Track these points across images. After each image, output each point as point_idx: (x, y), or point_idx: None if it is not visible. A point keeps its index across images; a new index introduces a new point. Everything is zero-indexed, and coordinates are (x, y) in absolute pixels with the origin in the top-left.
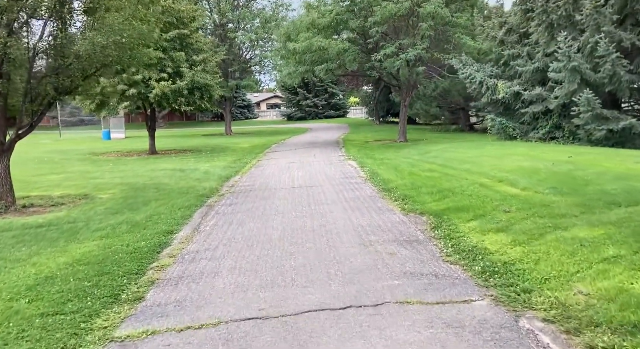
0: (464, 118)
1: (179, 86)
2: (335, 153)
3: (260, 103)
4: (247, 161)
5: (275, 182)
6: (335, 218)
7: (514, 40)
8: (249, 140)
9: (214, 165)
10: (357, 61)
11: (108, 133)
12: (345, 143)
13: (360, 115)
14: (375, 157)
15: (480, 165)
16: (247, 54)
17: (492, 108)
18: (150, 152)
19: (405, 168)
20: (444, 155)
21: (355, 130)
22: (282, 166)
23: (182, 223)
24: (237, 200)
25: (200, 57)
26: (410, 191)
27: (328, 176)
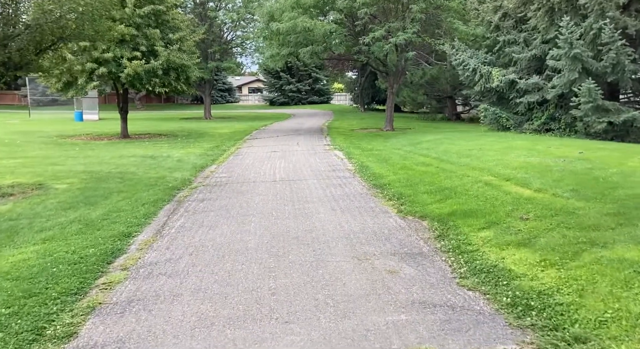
0: (451, 107)
1: (153, 66)
2: (320, 141)
3: (242, 87)
4: (225, 148)
5: (254, 174)
6: (322, 221)
7: (510, 26)
8: (229, 125)
9: (189, 152)
10: (344, 44)
11: (80, 114)
12: (330, 131)
13: (344, 102)
14: (363, 147)
15: (481, 159)
16: (228, 35)
17: (485, 97)
18: (122, 136)
19: (397, 161)
20: (438, 147)
21: (339, 117)
22: (263, 155)
23: (145, 223)
24: (211, 194)
25: (177, 36)
26: (406, 189)
27: (313, 169)
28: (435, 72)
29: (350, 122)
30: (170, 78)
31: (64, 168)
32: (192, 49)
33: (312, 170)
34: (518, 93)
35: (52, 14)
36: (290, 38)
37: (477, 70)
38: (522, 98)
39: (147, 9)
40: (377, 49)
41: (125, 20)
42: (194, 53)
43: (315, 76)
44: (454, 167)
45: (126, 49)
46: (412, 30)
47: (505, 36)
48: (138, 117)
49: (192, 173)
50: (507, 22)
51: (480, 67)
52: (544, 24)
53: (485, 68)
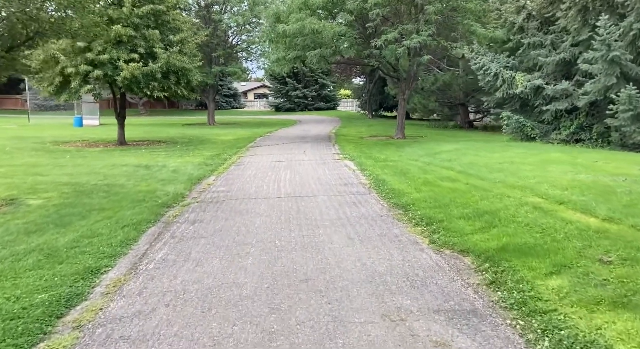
0: (463, 115)
1: (151, 69)
2: (328, 150)
3: (247, 93)
4: (226, 157)
5: (256, 188)
6: (338, 254)
7: (535, 27)
8: (233, 132)
9: (187, 162)
10: (354, 47)
11: (80, 119)
12: (338, 139)
13: (351, 108)
14: (375, 157)
15: (518, 175)
16: (233, 39)
17: (507, 104)
18: (118, 143)
19: (416, 174)
20: (461, 158)
21: (347, 124)
22: (267, 165)
23: (120, 254)
24: (205, 214)
25: (177, 37)
26: (436, 211)
27: (322, 182)
28: (447, 78)
29: (358, 129)
30: (170, 82)
31: (46, 179)
32: (194, 51)
33: (321, 184)
34: (544, 100)
35: (23, 3)
36: (297, 40)
37: (499, 75)
38: (548, 105)
39: (145, 8)
40: (389, 52)
41: (123, 20)
42: (195, 55)
43: (322, 82)
44: (487, 184)
45: (123, 51)
46: (426, 32)
47: (530, 38)
48: (140, 123)
49: (187, 186)
50: (532, 23)
51: (502, 71)
52: (575, 24)
53: (507, 73)
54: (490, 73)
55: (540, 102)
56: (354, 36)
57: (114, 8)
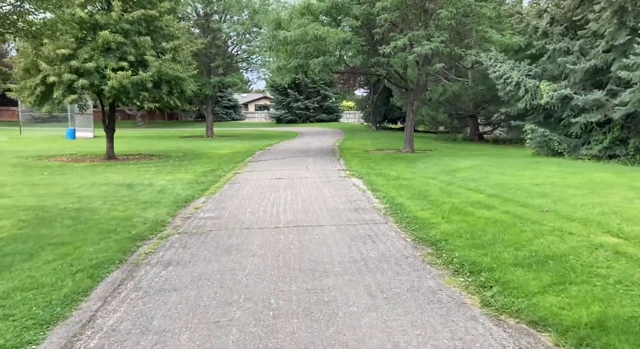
0: (473, 127)
1: (142, 77)
2: (332, 165)
3: (248, 104)
4: (221, 174)
5: (251, 214)
6: (357, 327)
7: (560, 33)
8: (231, 145)
9: (177, 179)
10: (360, 56)
11: (73, 132)
12: (342, 153)
13: (354, 120)
14: (386, 174)
15: (568, 202)
16: (233, 49)
17: (530, 116)
18: (107, 157)
19: (438, 196)
20: (486, 177)
21: (351, 136)
22: (266, 183)
23: (56, 319)
24: (184, 252)
25: (170, 45)
26: (478, 252)
27: (329, 206)
28: (457, 88)
29: (363, 141)
30: (162, 92)
31: (7, 203)
32: (189, 59)
33: (327, 209)
34: (572, 112)
35: None
36: (299, 48)
37: (522, 84)
38: (577, 117)
39: (136, 13)
40: (398, 60)
41: (111, 26)
42: (190, 64)
43: (324, 93)
44: (534, 214)
45: (111, 59)
46: (439, 38)
47: (556, 44)
48: (136, 135)
49: (171, 211)
50: (556, 27)
51: (525, 80)
52: (610, 27)
53: (531, 82)
54: (512, 83)
55: (568, 113)
56: (360, 43)
57: (102, 13)
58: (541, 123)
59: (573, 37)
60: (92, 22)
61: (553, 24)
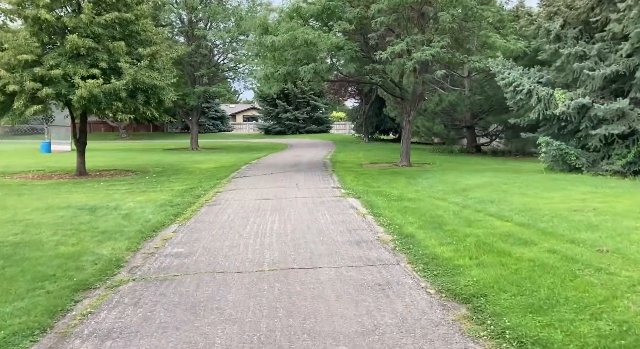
0: (470, 138)
1: (114, 86)
2: (325, 182)
3: (236, 115)
4: (200, 193)
5: (229, 249)
6: None
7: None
8: (216, 158)
9: (149, 201)
10: (354, 62)
11: (48, 145)
12: (335, 167)
13: (344, 131)
14: (386, 193)
15: (632, 238)
16: (219, 58)
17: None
18: (77, 173)
19: (456, 225)
20: (507, 198)
21: (342, 148)
22: (250, 205)
23: None
24: (134, 313)
25: (147, 50)
26: (537, 320)
27: (324, 238)
28: (454, 98)
29: (355, 154)
30: (138, 102)
31: None
32: (168, 66)
33: (323, 242)
34: (591, 122)
35: None
36: (287, 54)
37: (534, 92)
38: (597, 128)
39: (109, 16)
40: (395, 67)
41: (81, 29)
42: (170, 70)
43: (314, 103)
44: (589, 254)
45: (81, 65)
46: (440, 43)
47: (571, 48)
48: (117, 148)
49: (133, 245)
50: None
51: (537, 88)
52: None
53: (544, 89)
54: (522, 91)
55: (587, 124)
56: (354, 49)
57: (71, 15)
58: (554, 135)
59: (588, 40)
60: (60, 26)
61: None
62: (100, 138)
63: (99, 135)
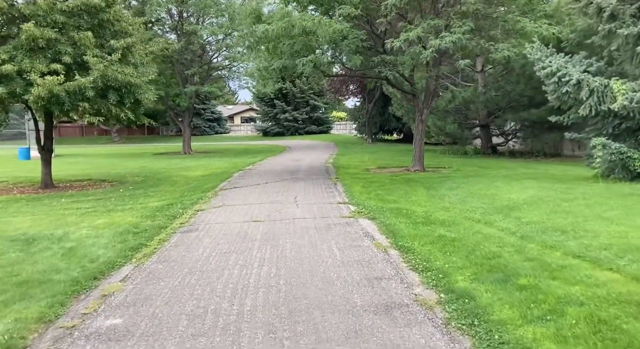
0: (485, 139)
1: (79, 84)
2: (329, 194)
3: (234, 117)
4: (177, 212)
5: (190, 320)
6: None
7: (632, 13)
8: (207, 164)
9: (110, 225)
10: (360, 53)
11: (27, 151)
12: (339, 173)
13: (345, 131)
14: (407, 211)
15: None
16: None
17: (593, 125)
18: (43, 186)
19: (533, 276)
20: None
21: (345, 151)
22: (234, 232)
23: None
24: None
25: (121, 43)
26: None
27: (335, 297)
28: (469, 94)
29: (360, 157)
30: (109, 103)
31: None
32: (147, 61)
33: (332, 304)
34: None
35: None
36: (283, 45)
37: (584, 83)
38: None
39: (74, 2)
40: (409, 57)
41: (40, 18)
42: (150, 67)
43: (314, 103)
44: None
45: (40, 60)
46: (462, 29)
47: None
48: (105, 153)
49: (52, 309)
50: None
51: (587, 78)
52: None
53: (596, 80)
54: (570, 82)
55: None
56: (360, 38)
57: (27, 1)
58: (608, 135)
59: None
60: (14, 14)
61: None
62: (91, 143)
63: (91, 139)
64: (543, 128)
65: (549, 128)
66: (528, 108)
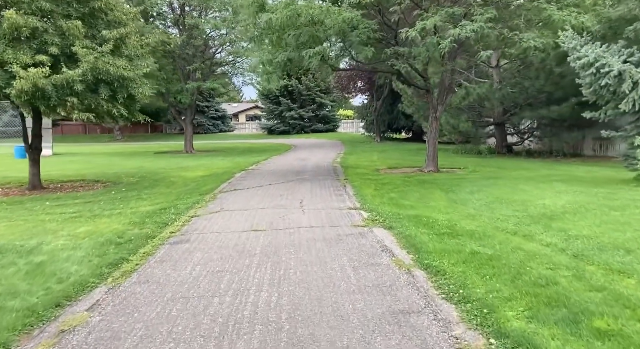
0: (500, 137)
1: (67, 77)
2: (338, 197)
3: (238, 115)
4: (169, 218)
5: None
6: None
7: None
8: (208, 163)
9: (92, 233)
10: (371, 45)
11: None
12: (347, 173)
13: (352, 130)
14: (427, 218)
15: None
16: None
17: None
18: (30, 187)
19: (611, 318)
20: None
21: (352, 149)
22: (230, 244)
23: None
24: None
25: (113, 33)
26: None
27: (353, 341)
28: (484, 90)
29: (369, 156)
30: (100, 98)
31: None
32: (142, 53)
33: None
34: None
35: None
36: (288, 36)
37: (626, 74)
38: None
39: None
40: (425, 49)
41: (24, 4)
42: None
43: (320, 101)
44: None
45: (25, 51)
46: (484, 16)
47: None
48: (105, 151)
49: None
50: None
51: (630, 69)
52: None
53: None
54: (610, 73)
55: None
56: (371, 28)
57: None
58: None
59: None
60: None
61: None
62: (93, 141)
63: (93, 137)
64: (563, 127)
65: (569, 127)
66: (547, 105)
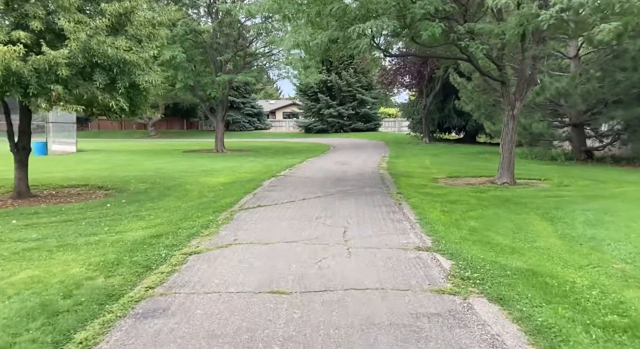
0: (578, 141)
1: (48, 58)
2: (396, 227)
3: (275, 112)
4: (157, 256)
5: None
6: None
7: None
8: (237, 166)
9: (27, 286)
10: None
11: (43, 146)
12: (399, 184)
13: (394, 129)
14: (552, 279)
15: None
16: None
17: None
18: (16, 194)
19: None
20: None
21: (399, 152)
22: (230, 323)
23: None
24: None
25: (115, 6)
26: None
27: None
28: (564, 85)
29: (420, 160)
30: (94, 86)
31: None
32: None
33: None
34: None
35: None
36: (330, 8)
37: None
38: None
39: None
40: (515, 25)
41: None
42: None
43: (361, 98)
44: None
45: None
46: None
47: None
48: (131, 148)
49: None
50: None
51: None
52: None
53: None
54: None
55: None
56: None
57: None
58: None
59: None
60: None
61: None
62: (126, 137)
63: (129, 132)
64: None
65: None
66: None
